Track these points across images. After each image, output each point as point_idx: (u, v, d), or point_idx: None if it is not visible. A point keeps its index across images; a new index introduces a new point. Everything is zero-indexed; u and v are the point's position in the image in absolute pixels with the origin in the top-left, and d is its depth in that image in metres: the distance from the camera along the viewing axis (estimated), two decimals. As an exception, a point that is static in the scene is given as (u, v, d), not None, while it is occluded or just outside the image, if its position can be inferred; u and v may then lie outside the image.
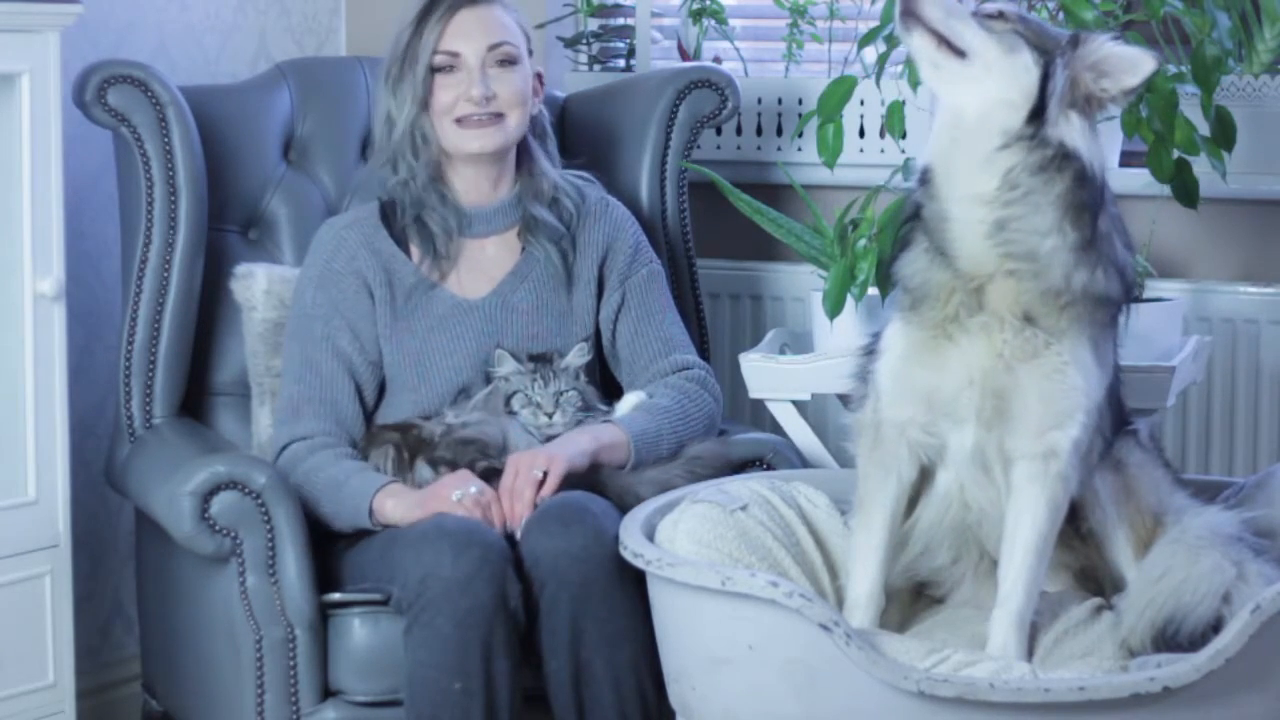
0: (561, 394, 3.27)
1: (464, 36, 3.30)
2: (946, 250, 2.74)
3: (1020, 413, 2.74)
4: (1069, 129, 2.70)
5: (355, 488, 3.18)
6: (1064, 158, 2.70)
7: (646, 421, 3.27)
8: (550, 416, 3.26)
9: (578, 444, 3.20)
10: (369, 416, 3.34)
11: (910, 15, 2.75)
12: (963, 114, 2.74)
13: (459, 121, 3.30)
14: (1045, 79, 2.70)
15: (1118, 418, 2.89)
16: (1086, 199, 2.71)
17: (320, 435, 3.27)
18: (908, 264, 2.80)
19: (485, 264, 3.37)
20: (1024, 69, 2.71)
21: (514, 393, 3.28)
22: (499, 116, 3.31)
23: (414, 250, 3.35)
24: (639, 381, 3.37)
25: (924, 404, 2.79)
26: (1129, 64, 2.71)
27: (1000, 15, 2.75)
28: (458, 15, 3.31)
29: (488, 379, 3.31)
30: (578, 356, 3.31)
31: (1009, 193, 2.70)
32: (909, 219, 2.82)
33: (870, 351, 2.92)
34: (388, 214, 3.37)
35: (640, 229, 3.47)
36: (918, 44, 2.75)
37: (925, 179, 2.78)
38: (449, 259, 3.34)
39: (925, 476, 2.86)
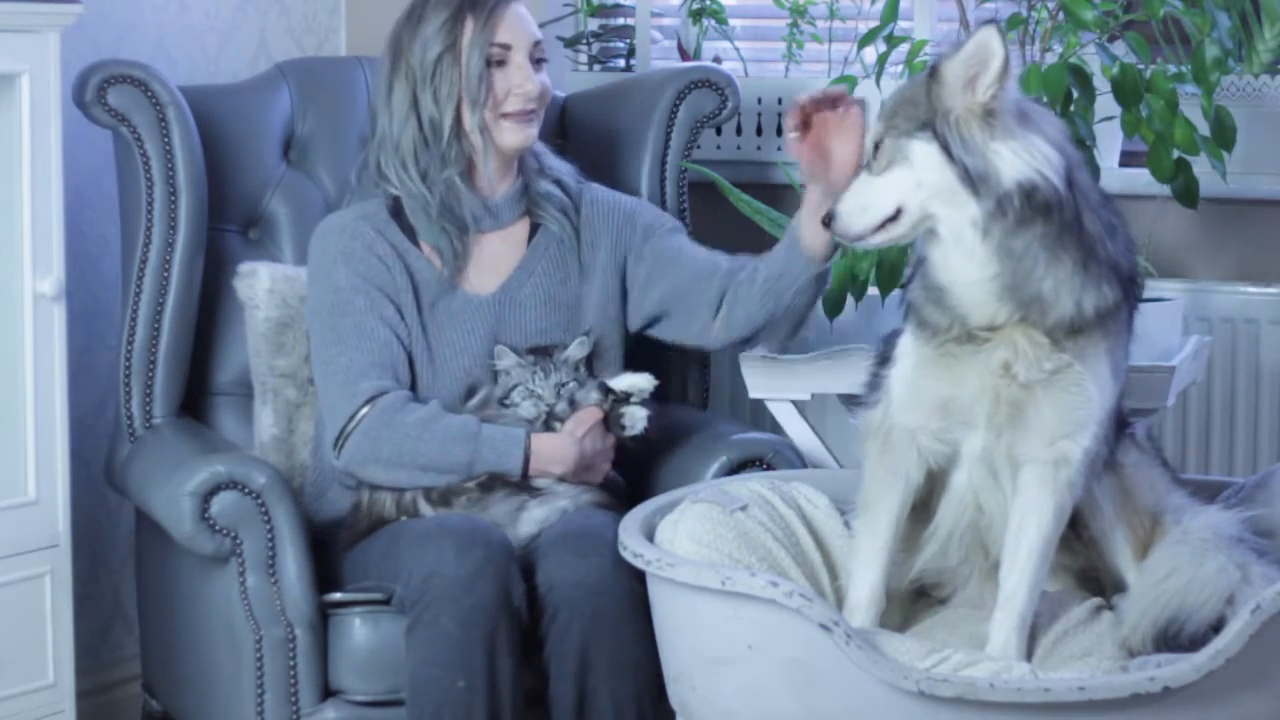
0: (562, 385, 3.27)
1: (514, 30, 3.28)
2: (953, 310, 2.73)
3: (1034, 421, 2.73)
4: (1004, 162, 2.63)
5: (495, 433, 3.16)
6: (1027, 196, 2.64)
7: None
8: (551, 408, 3.25)
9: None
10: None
11: (849, 239, 2.74)
12: (938, 237, 2.70)
13: (503, 116, 3.28)
14: (942, 144, 2.64)
15: (1118, 422, 2.88)
16: (1066, 219, 2.66)
17: (403, 389, 3.22)
18: (916, 291, 2.78)
19: (492, 259, 3.34)
20: (924, 155, 2.65)
21: (514, 386, 3.27)
22: (534, 112, 3.30)
23: (424, 246, 3.32)
24: (707, 308, 3.30)
25: (938, 412, 2.78)
26: (979, 52, 2.61)
27: (876, 146, 2.70)
28: (508, 10, 3.27)
29: (495, 377, 3.30)
30: (579, 349, 3.30)
31: (1007, 261, 2.66)
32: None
33: (884, 358, 2.91)
34: (396, 209, 3.33)
35: (640, 201, 3.45)
36: (875, 244, 2.75)
37: (921, 265, 2.76)
38: (465, 255, 3.33)
39: (931, 479, 2.86)
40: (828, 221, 2.75)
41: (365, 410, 3.18)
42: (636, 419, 3.27)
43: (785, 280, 3.19)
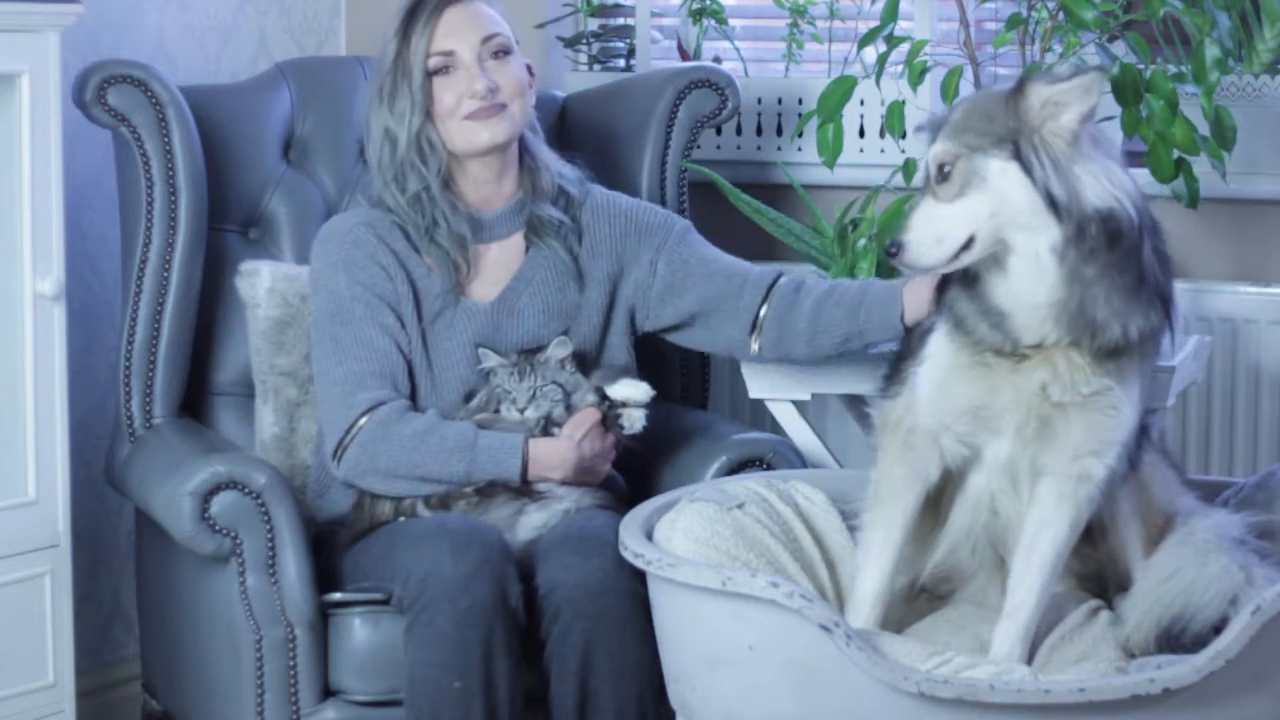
0: (538, 388, 3.24)
1: (456, 34, 3.26)
2: (1009, 332, 2.70)
3: (1063, 436, 2.72)
4: (1085, 186, 2.62)
5: (492, 441, 3.15)
6: (1104, 222, 2.62)
7: None
8: (523, 411, 3.23)
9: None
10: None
11: (919, 270, 2.70)
12: (1004, 263, 2.67)
13: (466, 118, 3.27)
14: (1023, 163, 2.61)
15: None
16: (1131, 245, 2.65)
17: (401, 399, 3.20)
18: (961, 304, 2.75)
19: (491, 268, 3.33)
20: (1003, 176, 2.62)
21: (496, 388, 3.26)
22: (503, 107, 3.28)
23: (427, 259, 3.31)
24: (740, 322, 3.29)
25: (965, 417, 2.76)
26: (1080, 91, 2.60)
27: (941, 168, 2.65)
28: (445, 15, 3.26)
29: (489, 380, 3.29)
30: (558, 349, 3.27)
31: (1076, 286, 2.65)
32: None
33: (909, 353, 2.88)
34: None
35: (643, 204, 3.43)
36: (944, 271, 2.71)
37: (972, 282, 2.72)
38: (466, 269, 3.31)
39: (947, 478, 2.85)
40: (893, 251, 2.67)
41: (363, 421, 3.17)
42: (635, 419, 3.27)
43: (870, 335, 3.19)
